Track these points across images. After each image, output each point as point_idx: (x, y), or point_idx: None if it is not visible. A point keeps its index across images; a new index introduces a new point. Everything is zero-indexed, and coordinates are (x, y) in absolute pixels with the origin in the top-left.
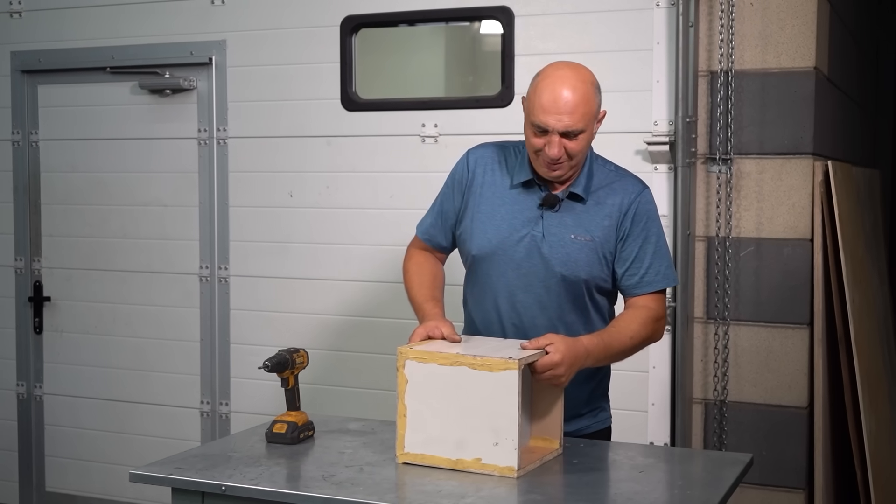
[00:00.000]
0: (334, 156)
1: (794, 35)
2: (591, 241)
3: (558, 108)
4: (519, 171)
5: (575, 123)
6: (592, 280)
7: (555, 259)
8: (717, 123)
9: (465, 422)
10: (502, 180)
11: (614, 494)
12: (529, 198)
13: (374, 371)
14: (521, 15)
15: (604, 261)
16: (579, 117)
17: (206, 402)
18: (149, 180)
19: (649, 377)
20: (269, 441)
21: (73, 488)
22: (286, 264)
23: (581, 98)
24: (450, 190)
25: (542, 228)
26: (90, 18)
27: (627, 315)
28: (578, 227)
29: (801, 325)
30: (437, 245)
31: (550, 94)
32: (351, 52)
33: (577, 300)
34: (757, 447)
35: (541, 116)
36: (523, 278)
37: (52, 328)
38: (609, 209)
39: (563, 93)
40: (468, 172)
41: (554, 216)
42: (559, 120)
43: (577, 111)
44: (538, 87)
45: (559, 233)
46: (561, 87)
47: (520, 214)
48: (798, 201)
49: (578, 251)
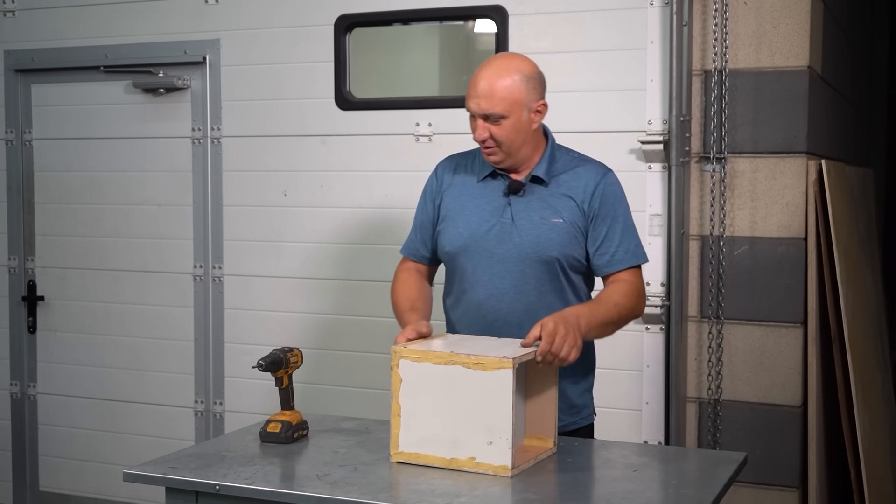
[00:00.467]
0: (328, 155)
1: (787, 34)
2: (560, 221)
3: (476, 92)
4: (482, 167)
5: (492, 107)
6: (565, 259)
7: (526, 242)
8: (710, 122)
9: (460, 421)
10: (468, 178)
11: (608, 493)
12: (495, 188)
13: (368, 370)
14: (515, 14)
15: (574, 240)
16: (496, 101)
17: (200, 401)
18: (143, 179)
19: (643, 376)
20: (263, 441)
21: (66, 488)
22: (280, 263)
23: (499, 84)
24: (423, 202)
25: (510, 214)
26: (84, 17)
27: (608, 288)
28: (546, 208)
29: (795, 323)
30: (421, 256)
31: (474, 79)
32: (345, 51)
33: (553, 281)
34: (751, 446)
35: (467, 102)
36: (498, 265)
37: (46, 327)
38: (574, 191)
39: (483, 78)
40: (437, 181)
41: (521, 201)
42: (477, 104)
43: (493, 96)
44: (471, 76)
45: (528, 216)
46: (484, 73)
47: (487, 205)
48: (792, 200)
49: (548, 231)
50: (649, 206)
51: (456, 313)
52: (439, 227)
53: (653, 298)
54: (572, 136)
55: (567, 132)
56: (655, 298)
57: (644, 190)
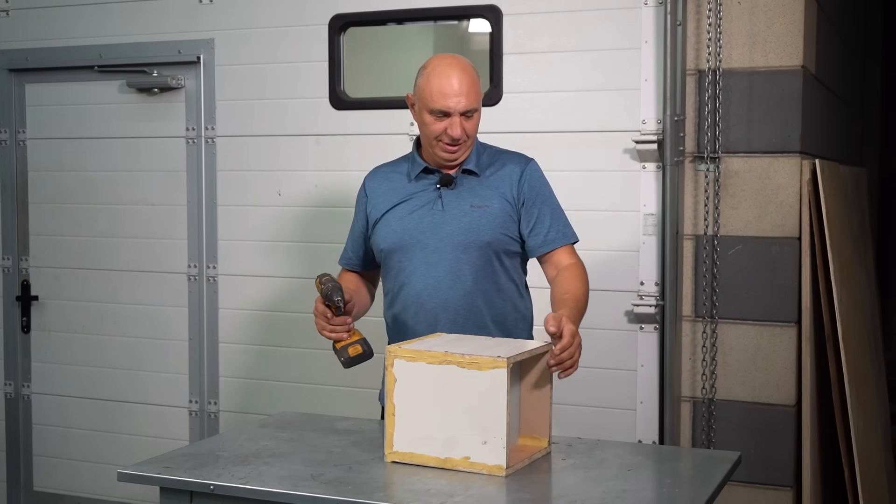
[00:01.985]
0: (322, 154)
1: (781, 34)
2: (489, 207)
3: (456, 90)
4: (413, 166)
5: (472, 103)
6: (497, 243)
7: (458, 229)
8: (704, 122)
9: (454, 420)
10: (398, 181)
11: (603, 493)
12: (427, 184)
13: (362, 370)
14: (510, 14)
15: (504, 225)
16: (474, 97)
17: (194, 401)
18: (137, 179)
19: (637, 375)
20: (349, 366)
21: (60, 488)
22: (275, 263)
23: (472, 80)
24: (355, 215)
25: (441, 205)
26: (78, 17)
27: (564, 278)
28: (475, 197)
29: (789, 323)
30: (354, 264)
31: (447, 80)
32: (339, 50)
33: (486, 266)
34: (745, 445)
35: (441, 101)
36: (433, 255)
37: (40, 327)
38: (502, 179)
39: (457, 77)
40: (364, 194)
41: (451, 192)
42: (459, 101)
43: (471, 91)
44: (430, 77)
45: (458, 205)
46: (453, 71)
47: (419, 200)
48: (786, 200)
49: (479, 218)
50: (643, 205)
51: (397, 307)
52: (372, 231)
53: (647, 298)
54: (566, 135)
55: (561, 132)
56: (650, 298)
57: (638, 189)
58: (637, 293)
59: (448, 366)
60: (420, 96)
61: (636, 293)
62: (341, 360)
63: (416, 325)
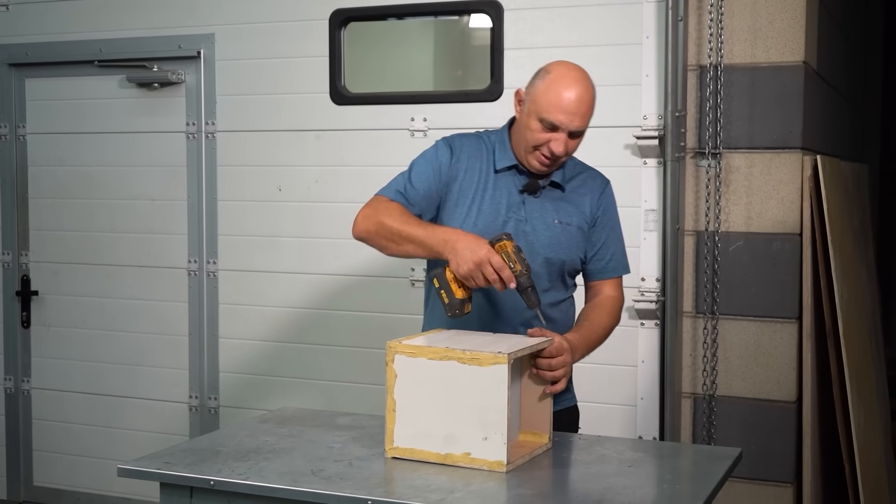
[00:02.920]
0: (323, 150)
1: (783, 29)
2: (570, 225)
3: (573, 108)
4: (500, 157)
5: (584, 125)
6: (570, 262)
7: (538, 242)
8: (706, 118)
9: (455, 416)
10: (484, 167)
11: (603, 489)
12: (510, 183)
13: (363, 365)
14: (511, 9)
15: (579, 245)
16: (588, 119)
17: (194, 396)
18: (137, 174)
19: (638, 371)
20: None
21: (60, 483)
22: (275, 259)
23: (591, 100)
24: (429, 170)
25: (524, 213)
26: (78, 11)
27: (598, 306)
28: (558, 212)
29: (790, 319)
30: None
31: (567, 93)
32: (340, 45)
33: (554, 281)
34: (746, 441)
35: (555, 114)
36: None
37: (40, 322)
38: (582, 197)
39: (579, 94)
40: (451, 157)
41: (535, 201)
42: (572, 120)
43: (588, 113)
44: (552, 84)
45: (541, 217)
46: (576, 87)
47: (503, 199)
48: (787, 196)
49: (560, 234)
50: (644, 201)
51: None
52: (445, 209)
53: (648, 294)
54: None
55: None
56: (651, 294)
57: (639, 185)
58: (638, 289)
59: (449, 362)
60: (534, 99)
61: (637, 289)
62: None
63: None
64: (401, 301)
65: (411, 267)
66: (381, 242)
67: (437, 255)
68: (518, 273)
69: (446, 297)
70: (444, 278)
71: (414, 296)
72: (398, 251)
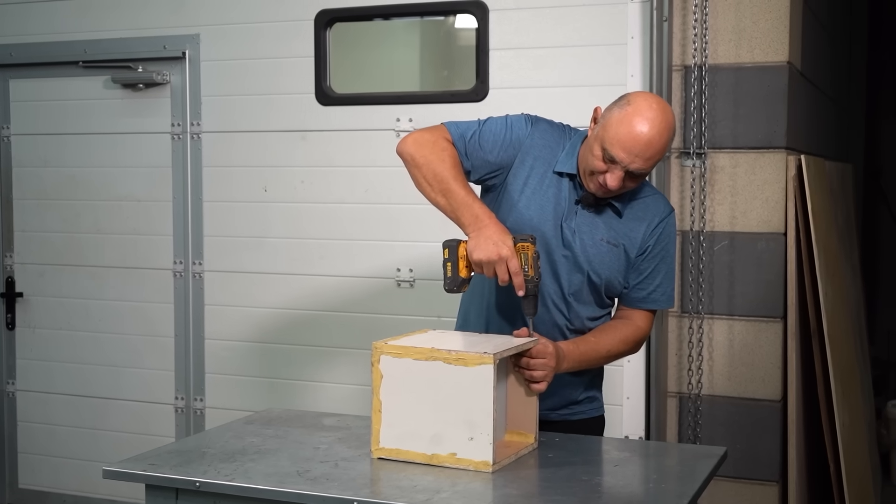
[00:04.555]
0: (309, 150)
1: (767, 29)
2: (617, 247)
3: (638, 149)
4: (565, 160)
5: (646, 167)
6: (610, 284)
7: (582, 256)
8: (691, 118)
9: (441, 416)
10: (550, 161)
11: (589, 488)
12: (567, 189)
13: (348, 366)
14: (496, 9)
15: (622, 269)
16: (653, 163)
17: (180, 397)
18: (122, 175)
19: (624, 371)
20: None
21: (46, 485)
22: (261, 259)
23: (662, 145)
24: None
25: (574, 224)
26: (62, 12)
27: (611, 327)
28: (608, 231)
29: (775, 318)
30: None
31: (637, 132)
32: (325, 46)
33: (592, 297)
34: (731, 440)
35: (617, 149)
36: (553, 266)
37: (25, 324)
38: (639, 222)
39: (650, 137)
40: (529, 137)
41: (587, 215)
42: (633, 160)
43: (655, 157)
44: (626, 117)
45: (590, 232)
46: (648, 127)
47: (559, 203)
48: (771, 195)
49: (605, 254)
50: None
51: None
52: (505, 189)
53: None
54: None
55: None
56: None
57: None
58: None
59: (435, 362)
60: (605, 125)
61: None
62: (454, 286)
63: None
64: (386, 302)
65: (397, 268)
66: (418, 176)
67: (462, 225)
68: (528, 279)
69: (451, 271)
70: (456, 254)
71: (399, 296)
72: (429, 194)
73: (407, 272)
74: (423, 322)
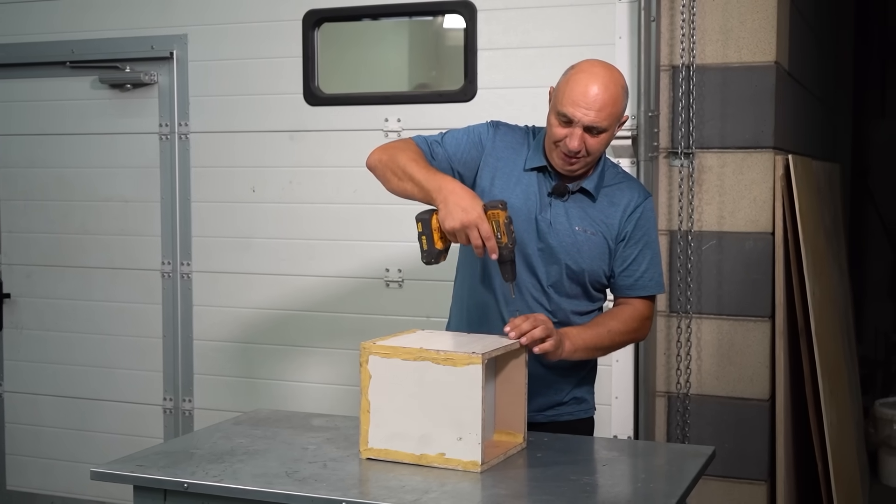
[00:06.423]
0: (297, 151)
1: (754, 29)
2: (595, 235)
3: (588, 102)
4: (533, 155)
5: (600, 121)
6: (592, 273)
7: (560, 248)
8: (678, 118)
9: (429, 417)
10: (517, 160)
11: (578, 488)
12: (540, 183)
13: (337, 366)
14: (484, 9)
15: (602, 257)
16: (605, 116)
17: (168, 398)
18: (110, 176)
19: (613, 370)
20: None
21: (34, 486)
22: (249, 260)
23: (611, 98)
24: (466, 141)
25: (549, 216)
26: (49, 12)
27: (609, 311)
28: (584, 220)
29: (763, 317)
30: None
31: (583, 87)
32: (313, 46)
33: (577, 289)
34: (719, 439)
35: (569, 107)
36: (528, 259)
37: (13, 325)
38: (614, 208)
39: (594, 88)
40: (491, 141)
41: (561, 206)
42: (586, 114)
43: (604, 109)
44: (571, 78)
45: (565, 223)
46: (594, 82)
47: (529, 197)
48: (759, 195)
49: (584, 243)
50: None
51: (475, 298)
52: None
53: None
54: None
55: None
56: None
57: None
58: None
59: (423, 362)
60: (556, 94)
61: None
62: (431, 258)
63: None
64: (375, 302)
65: (385, 268)
66: (386, 174)
67: (430, 200)
68: (503, 245)
69: (426, 243)
70: (430, 226)
71: (388, 296)
72: (398, 187)
73: (396, 272)
74: (411, 322)
